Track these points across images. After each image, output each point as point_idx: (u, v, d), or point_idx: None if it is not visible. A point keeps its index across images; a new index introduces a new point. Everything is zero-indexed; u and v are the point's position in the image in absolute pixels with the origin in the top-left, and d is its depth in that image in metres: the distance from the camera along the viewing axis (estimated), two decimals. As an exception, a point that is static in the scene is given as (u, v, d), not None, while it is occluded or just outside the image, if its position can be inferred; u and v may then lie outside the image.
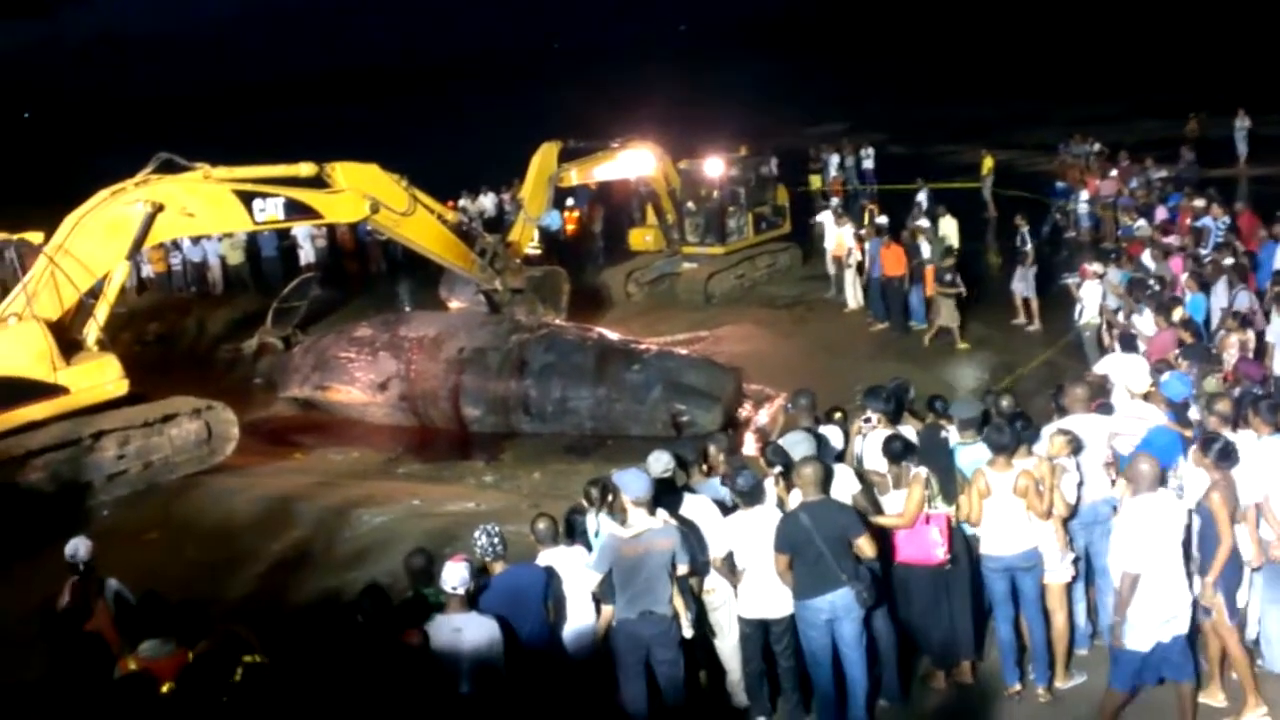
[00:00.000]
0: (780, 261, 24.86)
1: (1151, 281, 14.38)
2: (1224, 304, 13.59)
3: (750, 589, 7.53)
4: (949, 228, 20.48)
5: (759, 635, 7.65)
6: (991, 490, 7.62)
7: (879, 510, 7.80)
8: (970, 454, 7.94)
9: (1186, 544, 7.08)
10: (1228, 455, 7.23)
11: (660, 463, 7.99)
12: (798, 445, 7.88)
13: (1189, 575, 7.06)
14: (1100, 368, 10.65)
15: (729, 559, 7.53)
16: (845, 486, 7.81)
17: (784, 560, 7.23)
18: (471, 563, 6.88)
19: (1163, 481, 7.18)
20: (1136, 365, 9.29)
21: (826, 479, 7.44)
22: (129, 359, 15.42)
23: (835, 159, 34.97)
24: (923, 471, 7.64)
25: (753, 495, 7.49)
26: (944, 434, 8.21)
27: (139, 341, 22.82)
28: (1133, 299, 14.17)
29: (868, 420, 8.60)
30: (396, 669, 6.33)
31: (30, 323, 13.66)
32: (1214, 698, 7.49)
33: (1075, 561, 7.91)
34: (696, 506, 7.78)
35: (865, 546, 7.24)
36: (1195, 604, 7.09)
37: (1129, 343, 12.84)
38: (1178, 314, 12.74)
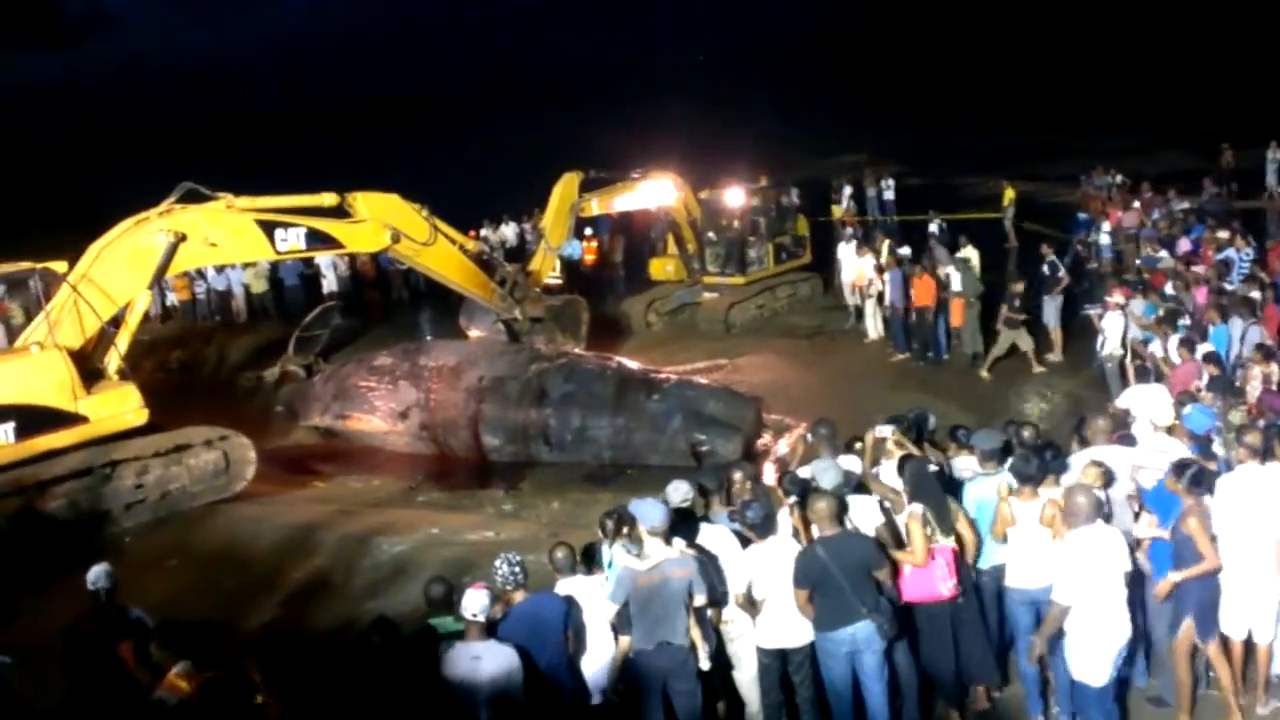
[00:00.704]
0: (800, 291, 24.90)
1: (1205, 317, 14.26)
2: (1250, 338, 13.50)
3: (768, 620, 7.50)
4: (971, 258, 20.47)
5: (777, 665, 7.61)
6: (1016, 520, 7.58)
7: (900, 544, 7.75)
8: (991, 485, 7.90)
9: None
10: (1200, 481, 7.37)
11: (679, 492, 7.98)
12: (825, 473, 7.83)
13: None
14: (1123, 401, 10.60)
15: (749, 591, 7.50)
16: (869, 518, 7.76)
17: (803, 595, 7.20)
18: (492, 590, 6.88)
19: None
20: (1160, 398, 9.23)
21: (841, 511, 7.41)
22: (152, 387, 15.50)
23: (848, 190, 35.01)
24: (918, 508, 7.61)
25: (763, 527, 7.46)
26: (931, 467, 8.16)
27: (162, 369, 22.98)
28: (1163, 330, 14.10)
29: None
30: (407, 699, 6.32)
31: (52, 351, 13.71)
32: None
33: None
34: (715, 537, 7.77)
35: (885, 579, 7.22)
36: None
37: (1152, 374, 12.77)
38: (1202, 348, 12.69)
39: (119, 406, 14.32)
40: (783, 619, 7.41)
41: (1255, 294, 14.51)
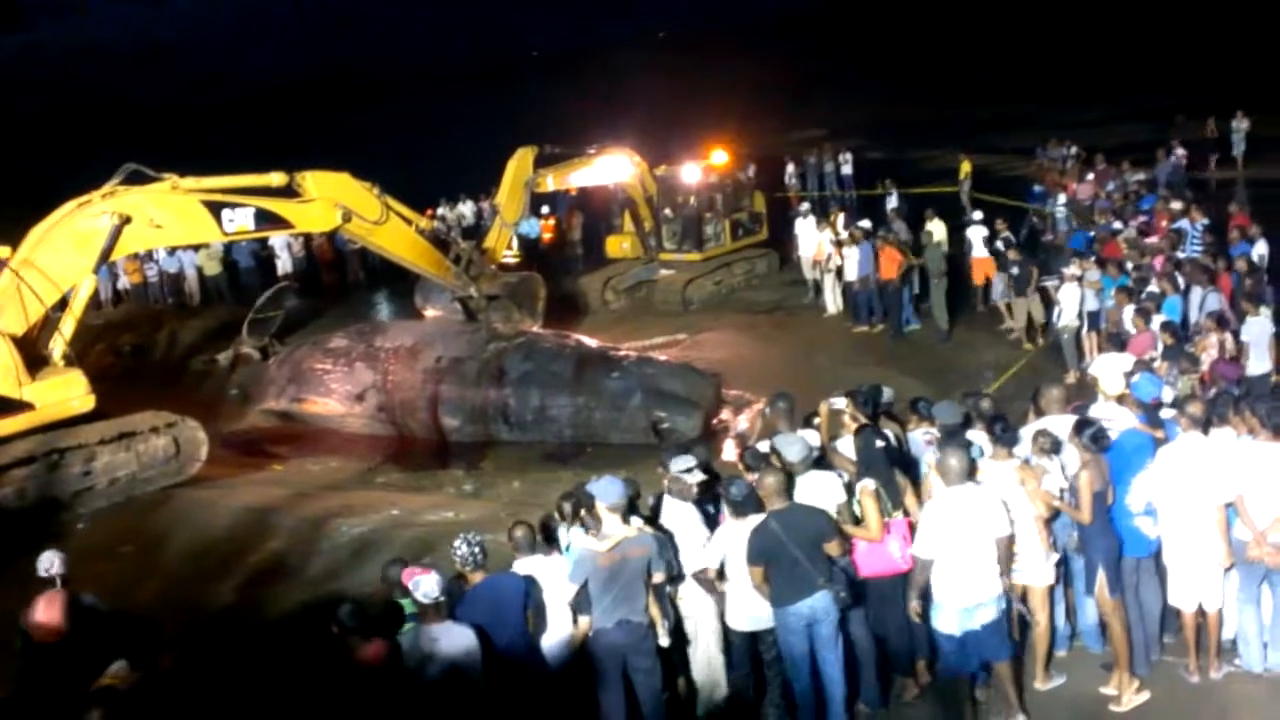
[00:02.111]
0: (758, 268, 24.88)
1: (1154, 285, 14.33)
2: (1207, 306, 13.62)
3: (740, 599, 7.46)
4: (939, 231, 20.54)
5: (748, 644, 7.60)
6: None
7: (857, 520, 7.73)
8: None
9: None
10: (1099, 439, 7.55)
11: (682, 463, 7.84)
12: (790, 446, 7.76)
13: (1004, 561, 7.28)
14: (1092, 369, 10.65)
15: (721, 567, 7.48)
16: (830, 494, 7.69)
17: (759, 572, 7.18)
18: (443, 572, 6.82)
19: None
20: (1114, 367, 9.26)
21: (789, 486, 7.39)
22: (104, 371, 15.28)
23: (791, 168, 34.96)
24: (870, 484, 7.60)
25: (745, 505, 7.40)
26: (880, 441, 8.15)
27: (114, 353, 22.65)
28: (1123, 301, 14.21)
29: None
30: (364, 682, 6.26)
31: (-6, 337, 13.48)
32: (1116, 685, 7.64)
33: (1057, 564, 7.87)
34: (675, 513, 7.73)
35: (834, 549, 7.23)
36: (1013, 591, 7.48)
37: (1115, 342, 12.88)
38: (1157, 318, 12.79)
39: (65, 393, 14.06)
40: (755, 599, 7.37)
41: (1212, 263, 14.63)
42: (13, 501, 13.32)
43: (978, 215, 20.95)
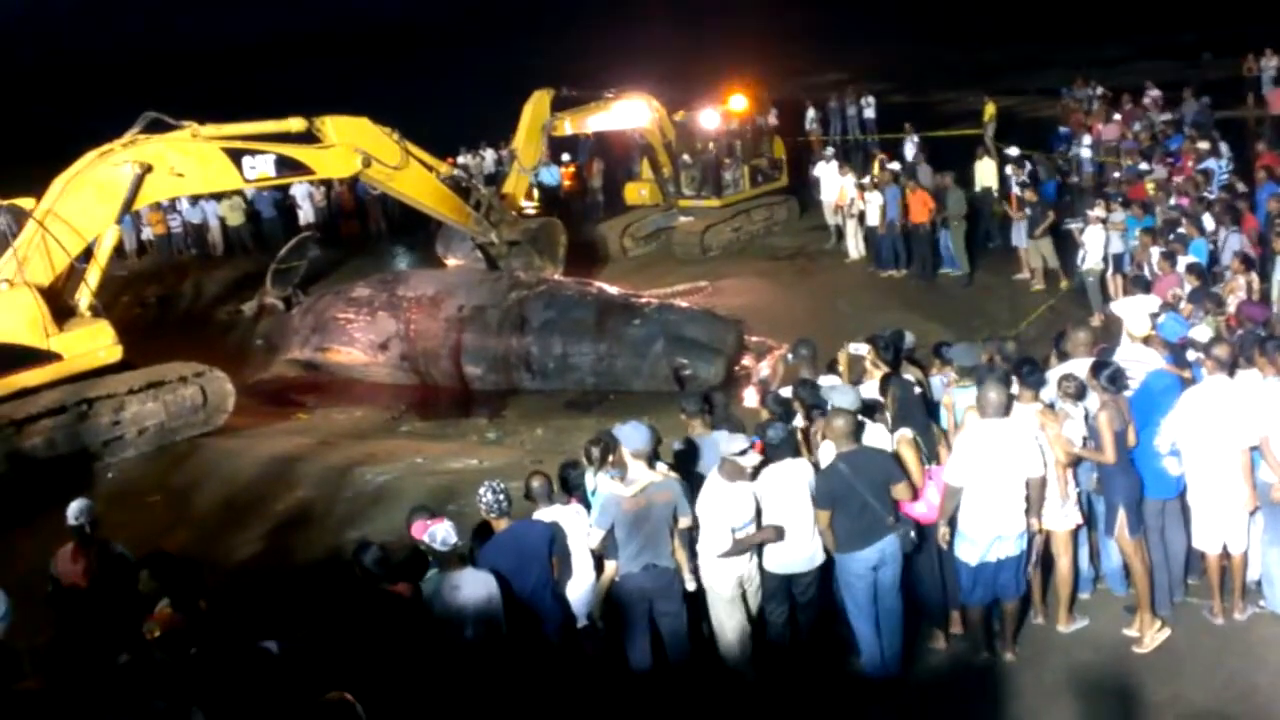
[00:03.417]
0: (777, 214, 24.70)
1: (1183, 228, 14.16)
2: (1230, 247, 13.48)
3: (778, 543, 7.44)
4: (987, 171, 20.34)
5: (785, 588, 7.57)
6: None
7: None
8: (968, 398, 7.86)
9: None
10: (1116, 379, 7.49)
11: (737, 444, 7.43)
12: (843, 396, 7.64)
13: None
14: (1118, 311, 10.56)
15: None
16: (880, 443, 7.61)
17: (825, 516, 7.14)
18: (465, 520, 6.87)
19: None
20: (1140, 308, 9.20)
21: (858, 429, 7.33)
22: (129, 322, 15.37)
23: (811, 112, 34.59)
24: (908, 433, 7.58)
25: (782, 448, 7.37)
26: (917, 389, 8.12)
27: (139, 304, 22.79)
28: (1149, 242, 14.07)
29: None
30: (391, 622, 6.32)
31: (22, 289, 13.55)
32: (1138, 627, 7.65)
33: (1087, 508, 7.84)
34: (721, 495, 7.38)
35: (904, 492, 7.23)
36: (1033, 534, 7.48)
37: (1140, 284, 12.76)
38: (1183, 259, 12.66)
39: (92, 343, 14.19)
40: (792, 542, 7.37)
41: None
42: (42, 451, 13.46)
43: (1014, 151, 20.74)
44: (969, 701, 7.28)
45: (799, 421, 8.08)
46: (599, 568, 7.37)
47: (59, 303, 14.13)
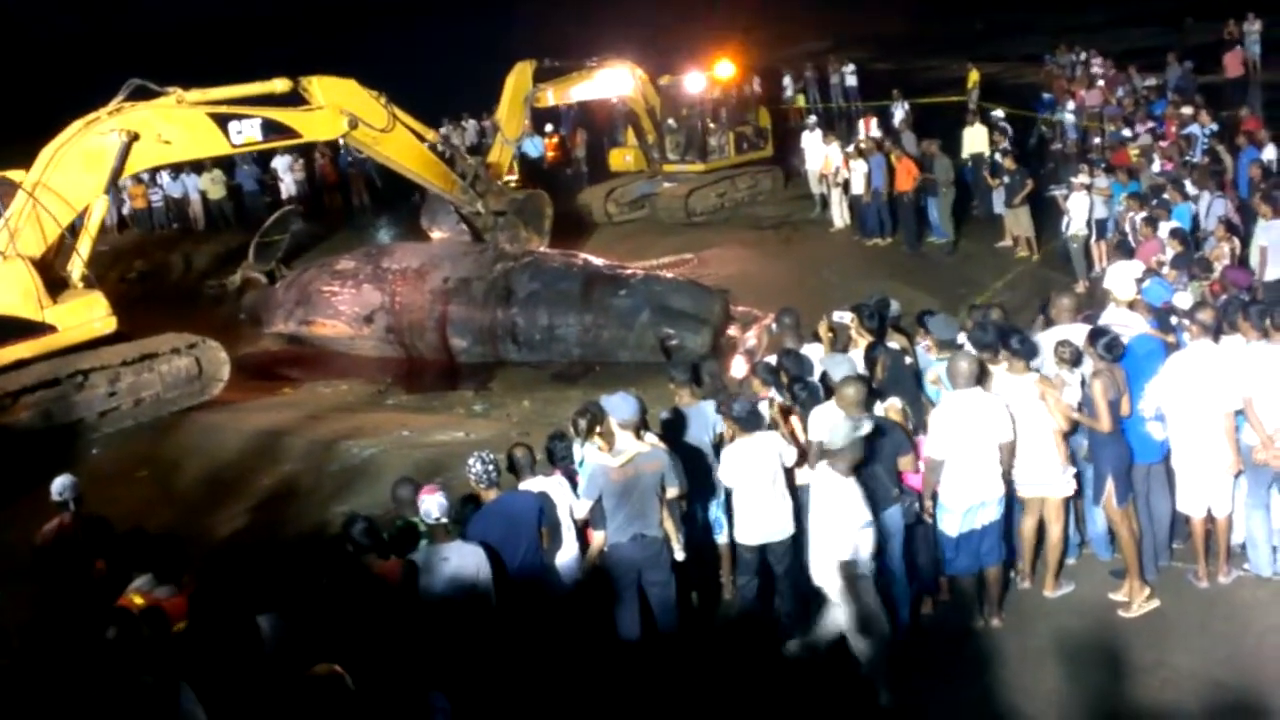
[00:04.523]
0: (762, 184, 24.66)
1: (1166, 194, 14.14)
2: (1214, 212, 13.50)
3: (749, 514, 7.49)
4: (976, 138, 20.32)
5: (757, 559, 7.63)
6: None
7: None
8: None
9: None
10: (1113, 347, 7.51)
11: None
12: (838, 367, 7.70)
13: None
14: (1103, 277, 10.58)
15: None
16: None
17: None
18: (448, 492, 6.87)
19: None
20: (1124, 273, 9.22)
21: (869, 398, 7.33)
22: (115, 297, 15.27)
23: (787, 80, 34.45)
24: (897, 402, 7.60)
25: (749, 421, 7.40)
26: (909, 359, 8.14)
27: (123, 279, 22.65)
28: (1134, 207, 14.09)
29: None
30: (380, 595, 6.33)
31: (15, 261, 13.46)
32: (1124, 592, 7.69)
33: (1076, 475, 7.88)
34: (832, 491, 7.24)
35: (909, 463, 7.29)
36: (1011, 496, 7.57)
37: (1125, 250, 12.79)
38: (1165, 224, 12.68)
39: (86, 315, 14.13)
40: (764, 514, 7.42)
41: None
42: (39, 423, 13.44)
43: (999, 113, 20.72)
44: (957, 666, 7.32)
45: (775, 395, 8.07)
46: (583, 539, 7.39)
47: (51, 274, 14.04)
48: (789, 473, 7.54)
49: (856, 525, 6.55)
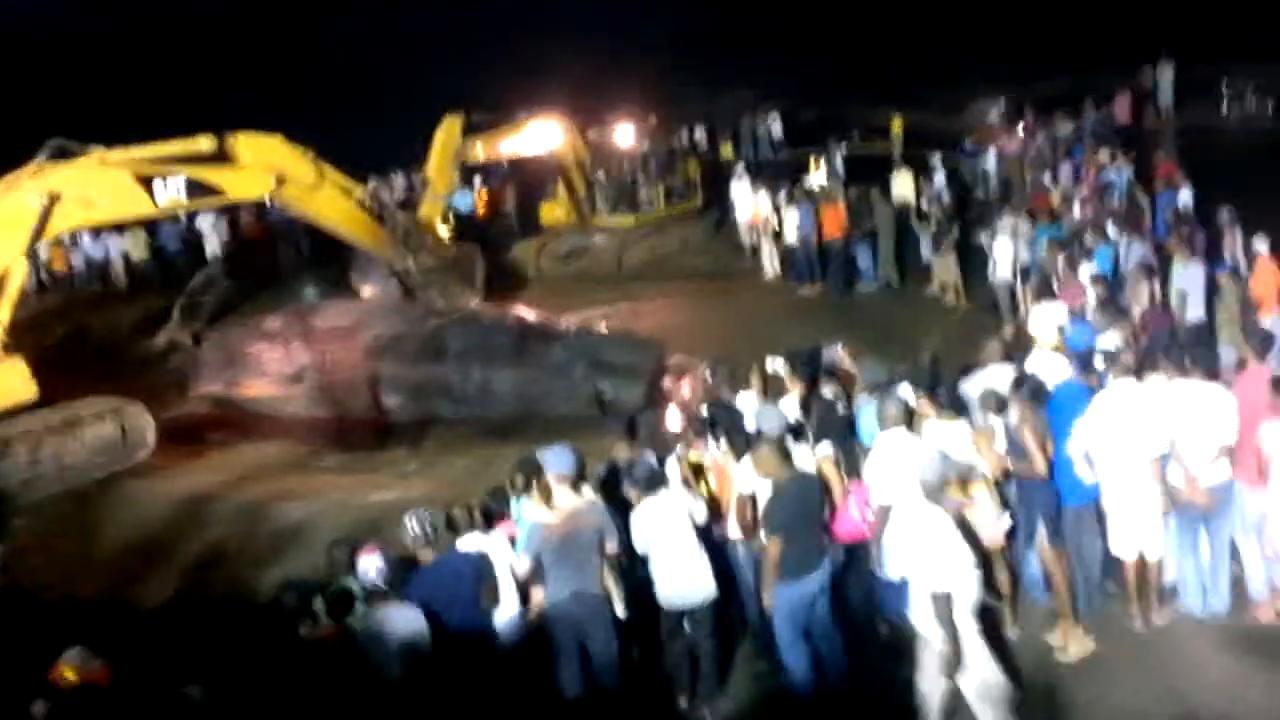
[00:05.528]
0: (693, 234, 24.82)
1: (1087, 237, 14.40)
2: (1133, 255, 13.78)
3: (665, 578, 7.43)
4: (904, 184, 20.60)
5: (678, 621, 7.59)
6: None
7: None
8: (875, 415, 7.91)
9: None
10: (1037, 394, 7.67)
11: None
12: (768, 419, 7.68)
13: None
14: (1027, 321, 10.76)
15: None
16: (805, 467, 7.59)
17: (776, 543, 7.00)
18: (386, 553, 6.77)
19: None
20: (1047, 318, 9.38)
21: (787, 454, 7.30)
22: (36, 362, 14.95)
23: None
24: (829, 449, 7.63)
25: (651, 482, 7.41)
26: (839, 406, 8.21)
27: (45, 343, 22.15)
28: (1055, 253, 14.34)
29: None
30: (316, 666, 6.21)
31: (-68, 329, 13.17)
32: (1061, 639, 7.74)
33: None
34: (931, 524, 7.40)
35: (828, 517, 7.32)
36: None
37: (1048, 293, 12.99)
38: (1086, 267, 12.92)
39: (6, 382, 13.87)
40: (682, 575, 7.38)
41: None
42: None
43: (937, 159, 21.16)
44: (897, 715, 7.31)
45: (714, 443, 8.07)
46: (524, 597, 7.30)
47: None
48: (705, 530, 7.52)
49: (954, 558, 6.47)
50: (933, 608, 6.41)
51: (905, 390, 8.04)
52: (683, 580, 7.38)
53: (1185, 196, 15.93)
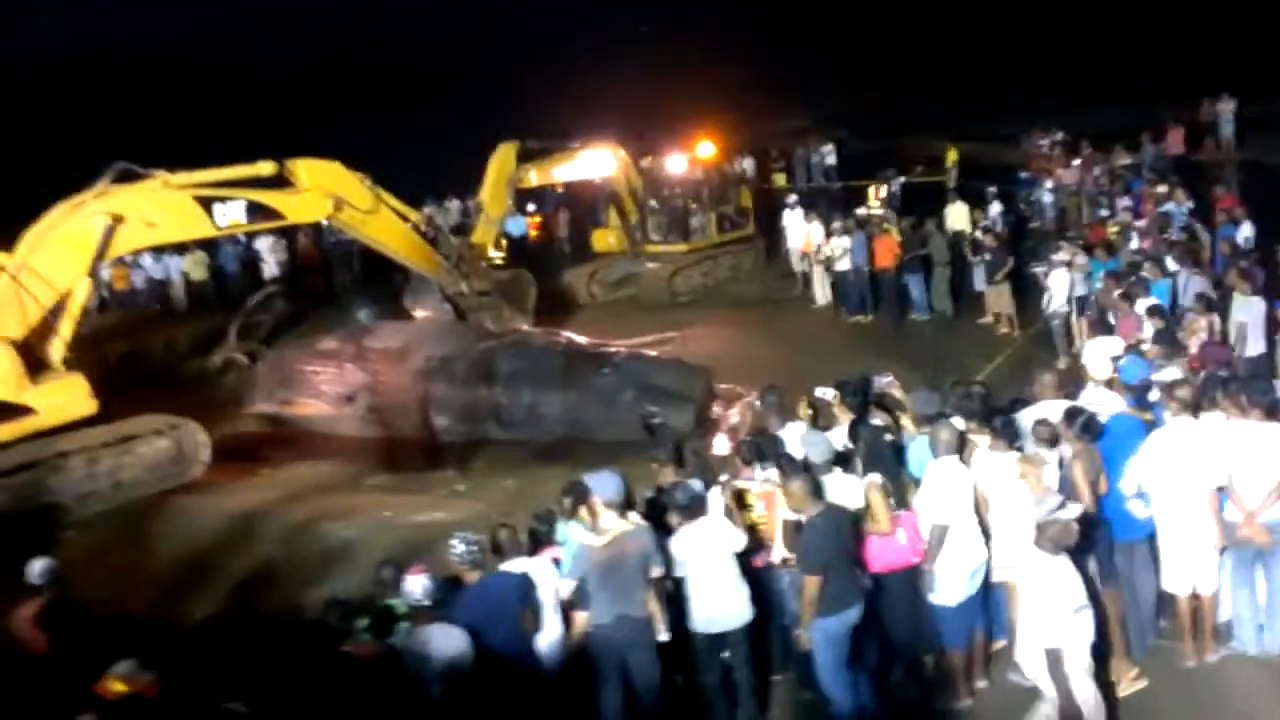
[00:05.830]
0: (744, 262, 24.88)
1: (1145, 270, 14.25)
2: (1191, 289, 13.60)
3: (700, 602, 7.41)
4: (959, 215, 20.53)
5: (715, 648, 7.55)
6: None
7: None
8: (925, 447, 7.85)
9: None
10: (1089, 428, 7.58)
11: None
12: (815, 447, 7.68)
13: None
14: (1081, 354, 10.63)
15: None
16: (853, 495, 7.56)
17: (817, 582, 6.96)
18: (433, 573, 6.79)
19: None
20: (1102, 351, 9.27)
21: (818, 489, 7.26)
22: (95, 378, 15.21)
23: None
24: (877, 478, 7.58)
25: (692, 509, 7.39)
26: (888, 436, 8.16)
27: (104, 360, 22.52)
28: (1112, 285, 14.19)
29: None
30: (357, 683, 6.23)
31: (-3, 343, 13.41)
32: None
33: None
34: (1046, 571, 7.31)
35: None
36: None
37: (1103, 327, 12.87)
38: (1143, 302, 12.77)
39: (67, 397, 14.07)
40: (717, 601, 7.37)
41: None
42: (17, 506, 13.25)
43: (993, 189, 21.17)
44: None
45: (759, 473, 8.03)
46: (566, 620, 7.30)
47: (32, 357, 13.97)
48: (744, 557, 7.50)
49: (1068, 609, 6.33)
50: (1045, 662, 6.36)
51: (957, 422, 7.97)
52: (716, 605, 7.37)
53: (1246, 231, 15.73)
